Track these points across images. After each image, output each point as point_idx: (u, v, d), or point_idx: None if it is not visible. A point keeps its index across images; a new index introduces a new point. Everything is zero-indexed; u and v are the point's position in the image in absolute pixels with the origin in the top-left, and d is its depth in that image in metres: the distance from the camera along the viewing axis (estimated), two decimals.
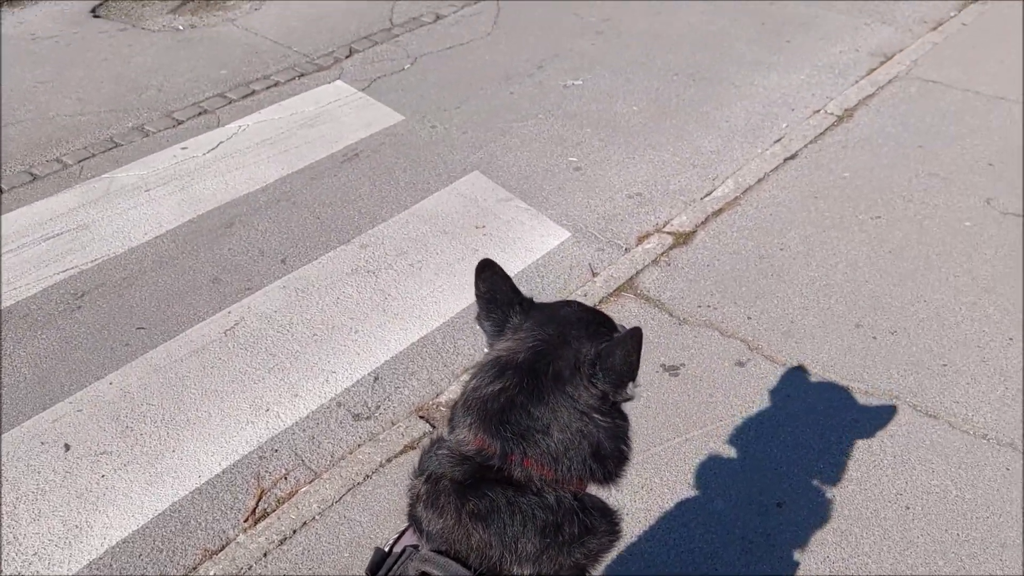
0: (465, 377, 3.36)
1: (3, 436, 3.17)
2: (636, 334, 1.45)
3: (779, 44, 5.94)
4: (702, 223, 4.18)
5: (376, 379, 3.41)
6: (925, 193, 4.29)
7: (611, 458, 1.51)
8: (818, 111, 5.09)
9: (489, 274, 1.61)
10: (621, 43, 6.02)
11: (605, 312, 1.70)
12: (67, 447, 3.13)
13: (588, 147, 4.87)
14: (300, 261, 4.05)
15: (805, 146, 4.74)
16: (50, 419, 3.24)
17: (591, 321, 1.59)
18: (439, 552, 1.44)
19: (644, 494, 2.78)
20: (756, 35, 6.08)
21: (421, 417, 3.21)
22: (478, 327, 1.63)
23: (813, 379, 3.20)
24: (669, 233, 4.13)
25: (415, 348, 3.56)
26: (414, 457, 2.96)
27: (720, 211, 4.27)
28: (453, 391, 3.32)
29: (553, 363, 1.48)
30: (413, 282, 3.91)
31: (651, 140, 4.92)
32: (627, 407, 1.55)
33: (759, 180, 4.49)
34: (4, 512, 2.89)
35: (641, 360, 1.45)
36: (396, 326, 3.67)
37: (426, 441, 1.60)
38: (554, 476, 1.45)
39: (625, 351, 1.44)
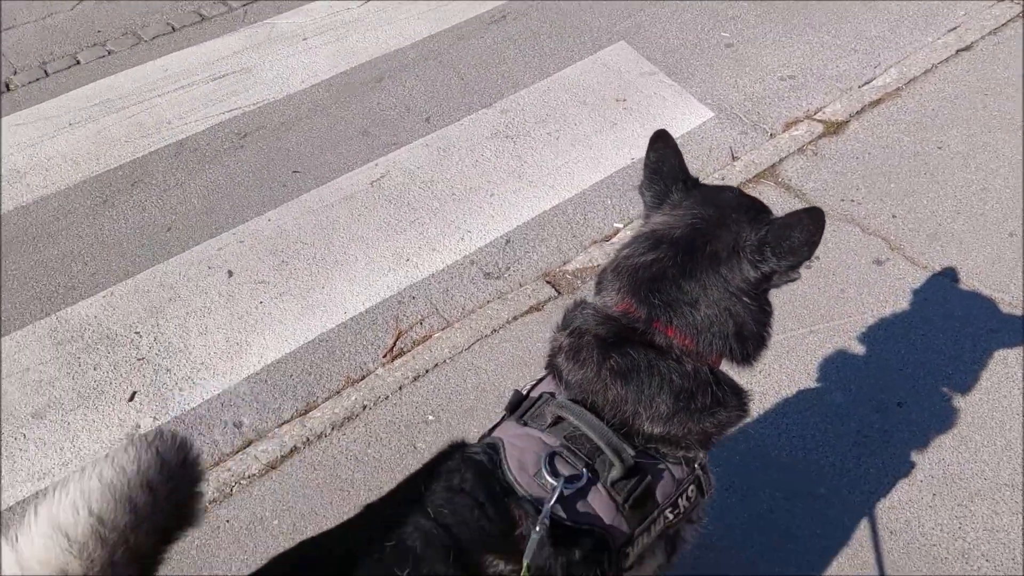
0: (594, 249, 3.45)
1: (176, 257, 3.52)
2: (817, 213, 1.47)
3: None
4: (857, 113, 3.99)
5: (508, 242, 3.54)
6: None
7: (752, 340, 1.56)
8: None
9: (661, 145, 1.64)
10: None
11: None
12: (230, 273, 3.45)
13: (743, 23, 4.65)
14: (443, 121, 4.15)
15: (982, 37, 4.36)
16: (216, 247, 3.56)
17: (751, 207, 1.61)
18: (575, 401, 1.56)
19: (762, 378, 2.84)
20: None
21: (548, 282, 3.33)
22: (638, 195, 1.68)
23: (955, 285, 3.11)
24: (820, 121, 3.97)
25: (547, 216, 3.65)
26: (539, 318, 3.15)
27: (878, 101, 4.04)
28: (580, 261, 3.41)
29: (711, 242, 1.53)
30: (550, 151, 3.95)
31: (811, 19, 4.64)
32: None
33: (925, 71, 4.20)
34: (176, 325, 3.26)
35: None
36: (530, 193, 3.75)
37: (569, 301, 1.69)
38: (694, 348, 1.52)
39: (807, 231, 1.48)
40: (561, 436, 1.51)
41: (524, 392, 1.67)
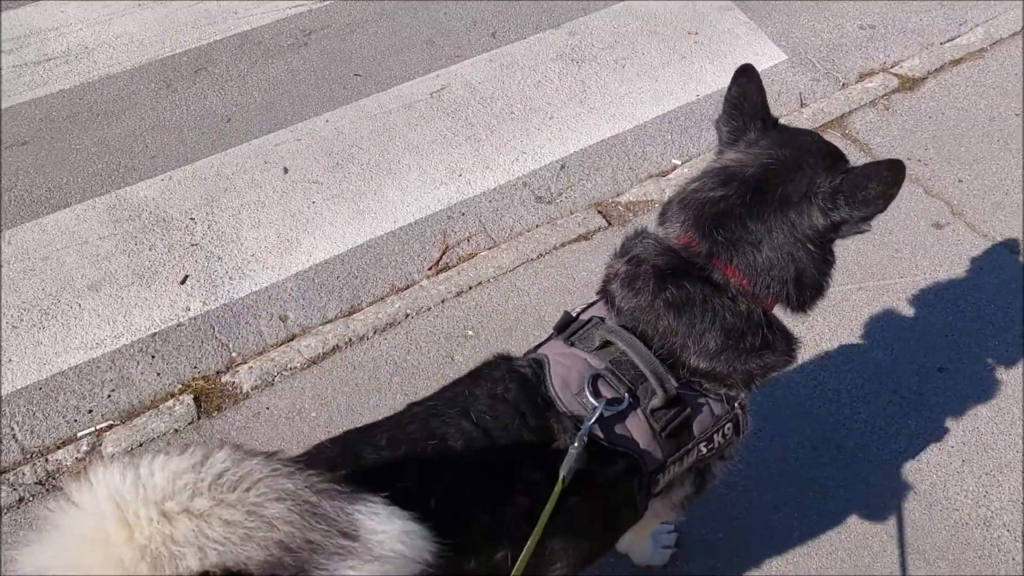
0: (650, 184, 3.42)
1: (234, 149, 3.56)
2: (897, 166, 1.45)
3: None
4: (935, 70, 3.85)
5: (562, 167, 3.52)
6: None
7: (810, 288, 1.55)
8: None
9: (745, 80, 1.61)
10: None
11: None
12: (286, 170, 3.48)
13: None
14: (509, 37, 4.08)
15: None
16: (273, 142, 3.58)
17: (829, 154, 1.58)
18: (625, 328, 1.57)
19: (804, 330, 2.83)
20: None
21: (599, 212, 3.32)
22: (714, 129, 1.66)
23: (1014, 257, 3.04)
24: (895, 75, 3.83)
25: (604, 145, 3.61)
26: (586, 247, 3.16)
27: (959, 61, 3.89)
28: (634, 194, 3.38)
29: (783, 185, 1.50)
30: (614, 79, 3.88)
31: None
32: None
33: (1013, 34, 4.02)
34: (230, 215, 3.31)
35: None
36: (590, 120, 3.70)
37: (630, 229, 1.68)
38: (751, 289, 1.52)
39: (884, 183, 1.46)
40: (607, 360, 1.53)
41: (574, 314, 1.69)
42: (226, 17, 4.16)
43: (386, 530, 1.06)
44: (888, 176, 1.46)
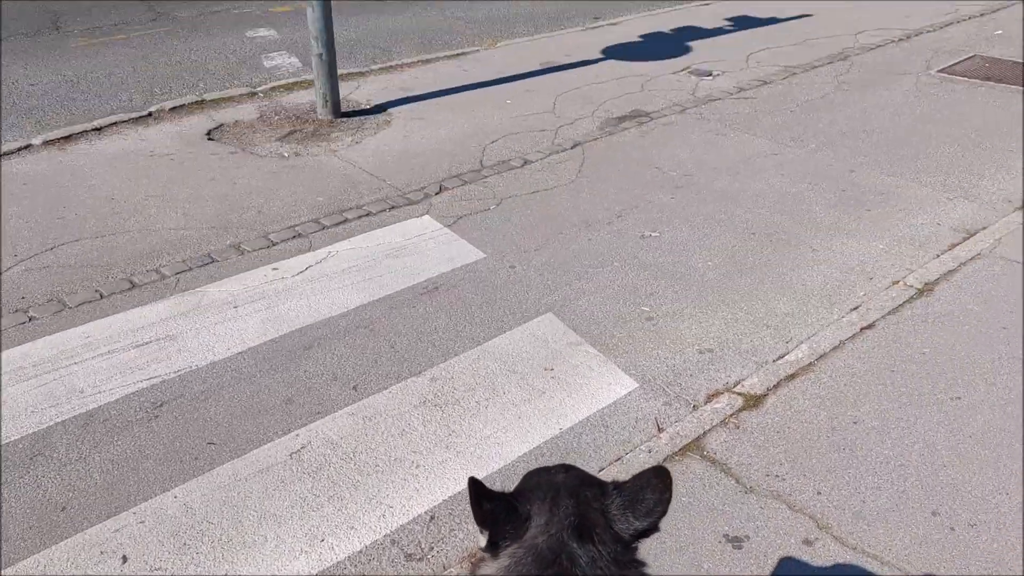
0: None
1: (66, 541, 3.24)
2: (662, 472, 1.58)
3: (859, 212, 5.97)
4: (774, 387, 4.12)
5: (432, 519, 3.39)
6: (1008, 377, 4.15)
7: None
8: (897, 282, 5.04)
9: (484, 500, 1.59)
10: (699, 199, 6.16)
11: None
12: (124, 559, 3.16)
13: (661, 298, 4.92)
14: (371, 389, 4.13)
15: (883, 317, 4.68)
16: (112, 528, 3.29)
17: (592, 481, 1.68)
18: None
19: None
20: (835, 201, 6.14)
21: (473, 564, 3.14)
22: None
23: (884, 570, 3.04)
24: (739, 394, 4.08)
25: None
26: None
27: (793, 376, 4.21)
28: None
29: (592, 531, 1.54)
30: (479, 420, 3.92)
31: (725, 296, 4.94)
32: None
33: (834, 348, 4.43)
34: None
35: (697, 519, 1.57)
36: (457, 464, 3.66)
37: None
38: None
39: (656, 490, 1.56)
40: None
41: None
42: (70, 397, 4.02)
43: None
44: (658, 483, 1.56)
